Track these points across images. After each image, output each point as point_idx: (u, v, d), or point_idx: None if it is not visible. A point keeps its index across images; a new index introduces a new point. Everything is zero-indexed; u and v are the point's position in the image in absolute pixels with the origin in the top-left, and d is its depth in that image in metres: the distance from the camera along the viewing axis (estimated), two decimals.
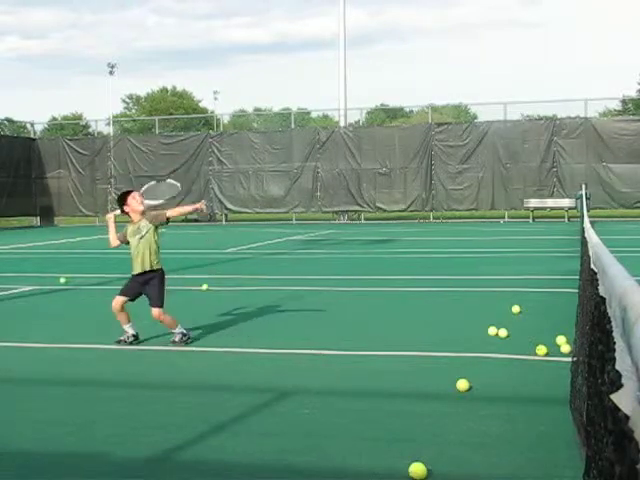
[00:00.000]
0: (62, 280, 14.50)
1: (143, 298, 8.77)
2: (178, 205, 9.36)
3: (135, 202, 8.85)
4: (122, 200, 8.94)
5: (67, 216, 41.73)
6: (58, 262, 19.44)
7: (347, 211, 38.77)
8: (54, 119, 79.25)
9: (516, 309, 10.28)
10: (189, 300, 12.22)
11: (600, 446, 2.92)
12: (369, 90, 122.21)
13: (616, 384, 2.65)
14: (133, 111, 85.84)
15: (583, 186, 28.17)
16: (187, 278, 14.79)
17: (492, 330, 8.83)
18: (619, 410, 2.29)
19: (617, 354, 2.70)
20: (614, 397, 2.21)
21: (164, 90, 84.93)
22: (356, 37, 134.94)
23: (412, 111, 79.19)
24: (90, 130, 58.17)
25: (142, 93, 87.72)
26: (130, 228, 8.92)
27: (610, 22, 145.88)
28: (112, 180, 40.52)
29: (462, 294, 12.41)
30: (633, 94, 64.67)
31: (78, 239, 28.05)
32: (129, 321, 8.75)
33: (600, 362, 3.54)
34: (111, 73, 54.38)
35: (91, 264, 18.84)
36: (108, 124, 49.34)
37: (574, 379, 5.57)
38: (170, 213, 8.96)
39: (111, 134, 44.62)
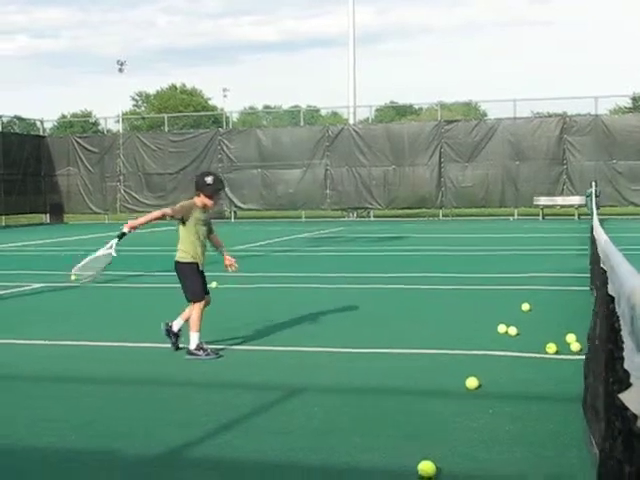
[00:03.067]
0: (73, 277, 14.53)
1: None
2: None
3: (212, 203, 8.27)
4: (215, 189, 8.21)
5: (76, 213, 41.85)
6: (69, 259, 19.45)
7: (356, 208, 38.77)
8: (63, 117, 79.38)
9: (526, 307, 10.27)
10: None
11: (611, 445, 2.92)
12: (378, 88, 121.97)
13: (625, 383, 2.65)
14: (142, 109, 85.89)
15: (593, 183, 28.08)
16: None
17: (502, 328, 8.83)
18: (627, 409, 2.29)
19: (625, 353, 2.70)
20: (622, 396, 2.21)
21: (173, 88, 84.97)
22: (364, 35, 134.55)
23: (421, 108, 79.09)
24: (99, 128, 58.27)
25: (151, 91, 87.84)
26: (203, 214, 8.26)
27: (620, 20, 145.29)
28: (121, 177, 40.62)
29: (471, 292, 12.40)
30: None
31: (88, 236, 28.11)
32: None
33: (610, 361, 3.54)
34: (120, 71, 54.44)
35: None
36: (117, 121, 49.44)
37: (587, 377, 5.56)
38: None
39: (120, 131, 44.67)
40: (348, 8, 41.03)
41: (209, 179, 8.22)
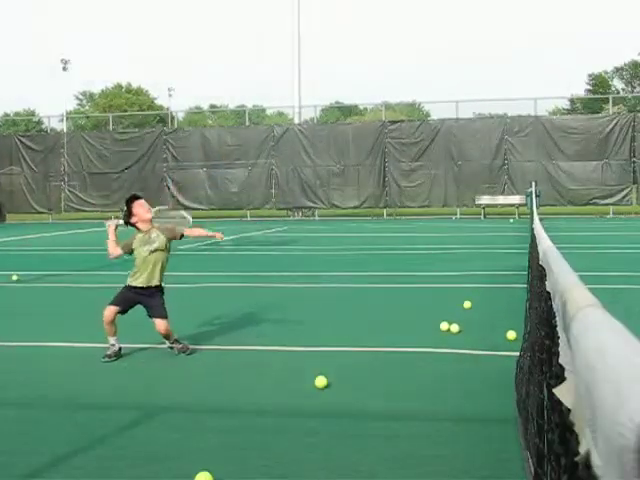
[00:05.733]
0: (14, 277, 14.38)
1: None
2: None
3: (143, 210, 8.12)
4: (127, 210, 8.16)
5: (19, 213, 41.27)
6: (10, 259, 19.22)
7: (301, 208, 38.89)
8: (6, 115, 78.11)
9: (467, 304, 10.41)
10: None
11: (550, 438, 3.03)
12: (324, 88, 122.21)
13: (560, 378, 2.76)
14: (87, 108, 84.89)
15: (533, 183, 28.59)
16: None
17: (444, 325, 8.94)
18: (562, 404, 2.39)
19: (560, 348, 2.81)
20: (556, 391, 2.31)
21: (119, 87, 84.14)
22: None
23: (366, 109, 79.56)
24: (43, 127, 57.52)
25: (96, 90, 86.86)
26: (138, 237, 8.16)
27: (558, 23, 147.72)
28: (65, 177, 40.17)
29: (414, 290, 12.54)
30: (581, 93, 65.62)
31: (30, 236, 27.75)
32: (116, 334, 7.94)
33: (548, 356, 3.67)
34: (64, 69, 53.84)
35: (45, 261, 18.65)
36: (61, 120, 48.84)
37: (519, 372, 5.70)
38: (187, 232, 8.50)
39: (64, 131, 44.13)
40: (293, 7, 41.21)
41: (125, 207, 8.31)
